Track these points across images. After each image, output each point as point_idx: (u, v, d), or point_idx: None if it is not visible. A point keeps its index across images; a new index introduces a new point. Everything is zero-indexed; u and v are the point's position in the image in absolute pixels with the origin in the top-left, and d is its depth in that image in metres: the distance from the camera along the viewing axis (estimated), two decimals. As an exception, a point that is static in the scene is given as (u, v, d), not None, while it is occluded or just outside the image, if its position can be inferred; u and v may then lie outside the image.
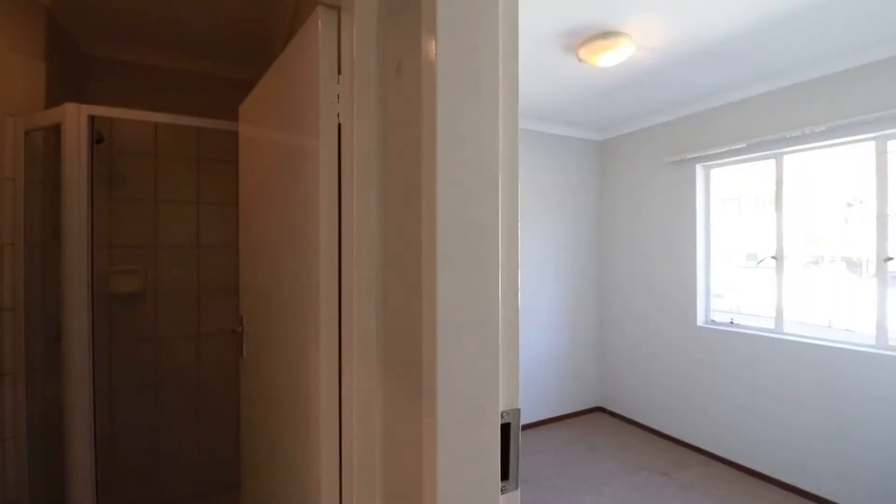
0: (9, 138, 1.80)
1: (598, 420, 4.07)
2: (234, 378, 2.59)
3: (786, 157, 3.01)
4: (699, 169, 3.47)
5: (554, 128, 3.98)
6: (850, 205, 2.85)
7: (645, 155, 3.86)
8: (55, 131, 1.78)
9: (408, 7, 0.82)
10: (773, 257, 3.06)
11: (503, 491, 0.76)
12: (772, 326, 3.07)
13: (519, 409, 0.80)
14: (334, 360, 1.05)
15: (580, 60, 2.52)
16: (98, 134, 1.95)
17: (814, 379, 2.74)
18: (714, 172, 3.50)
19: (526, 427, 3.85)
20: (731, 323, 3.32)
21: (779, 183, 3.04)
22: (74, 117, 1.73)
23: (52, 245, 1.84)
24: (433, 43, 0.71)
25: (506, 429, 0.77)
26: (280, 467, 1.40)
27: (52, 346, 1.90)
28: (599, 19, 2.15)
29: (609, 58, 2.39)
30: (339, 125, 1.03)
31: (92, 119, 1.77)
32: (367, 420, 0.97)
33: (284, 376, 1.33)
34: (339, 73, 1.03)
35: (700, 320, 3.45)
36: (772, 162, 3.09)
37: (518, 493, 0.79)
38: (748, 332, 3.13)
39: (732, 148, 3.14)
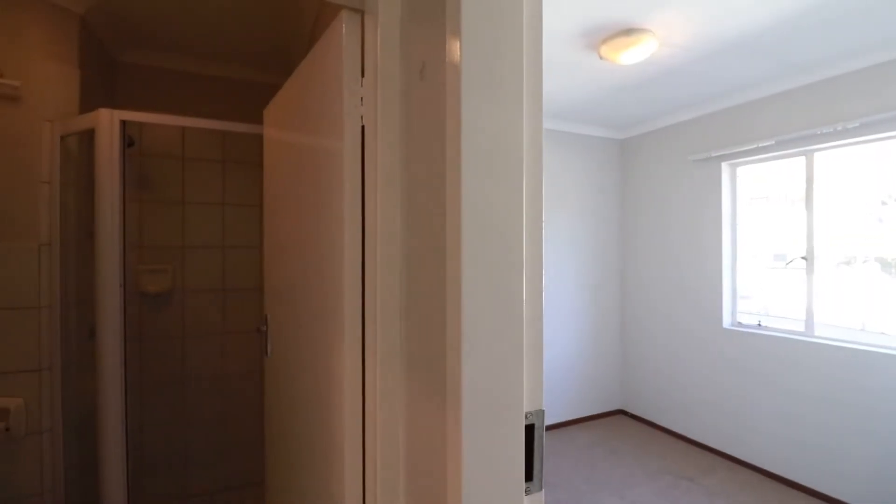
0: (46, 143, 1.87)
1: (619, 423, 4.01)
2: (259, 375, 2.64)
3: (816, 155, 2.92)
4: (725, 167, 3.39)
5: (574, 126, 3.94)
6: (884, 203, 2.74)
7: (668, 153, 3.79)
8: (89, 136, 1.84)
9: (432, 9, 0.82)
10: (802, 258, 2.96)
11: (527, 492, 0.76)
12: (802, 329, 2.98)
13: (543, 411, 0.80)
14: (358, 360, 1.06)
15: (602, 58, 2.49)
16: (129, 138, 2.01)
17: (846, 383, 2.65)
18: (741, 170, 3.41)
19: (546, 428, 3.82)
20: (759, 325, 3.24)
21: (809, 181, 2.95)
22: (107, 122, 1.79)
23: (86, 245, 1.91)
24: (458, 44, 0.71)
25: (530, 430, 0.77)
26: (304, 464, 1.42)
27: (85, 342, 1.97)
28: (622, 16, 2.12)
29: (631, 55, 2.36)
30: (363, 127, 1.04)
31: (123, 124, 1.83)
32: (390, 419, 0.98)
33: (308, 375, 1.35)
34: (363, 75, 1.04)
35: (726, 322, 3.37)
36: (802, 159, 3.00)
37: (542, 494, 0.79)
38: (777, 334, 3.05)
39: (760, 145, 3.06)
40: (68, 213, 1.94)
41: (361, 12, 1.04)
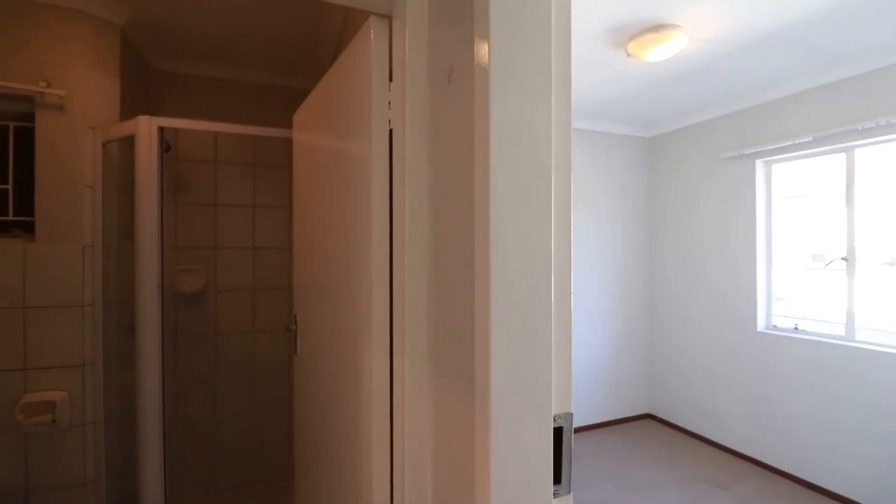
0: (89, 149, 1.97)
1: (647, 427, 3.93)
2: (288, 372, 2.70)
3: (857, 151, 2.80)
4: (759, 164, 3.28)
5: (600, 125, 3.88)
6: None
7: (699, 151, 3.69)
8: (129, 142, 1.93)
9: (459, 13, 0.83)
10: (843, 258, 2.84)
11: (556, 495, 0.76)
12: (842, 333, 2.85)
13: (571, 414, 0.79)
14: (385, 360, 1.07)
15: (629, 55, 2.44)
16: (166, 143, 2.09)
17: (889, 390, 2.53)
18: (776, 168, 3.30)
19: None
20: (796, 329, 3.12)
21: (850, 178, 2.82)
22: (146, 129, 1.86)
23: (126, 246, 2.00)
24: (486, 46, 0.71)
25: (558, 432, 0.77)
26: (332, 462, 1.45)
27: (125, 339, 2.06)
28: (650, 12, 2.08)
29: (660, 51, 2.31)
30: (391, 130, 1.06)
31: (161, 130, 1.91)
32: (417, 419, 0.99)
33: (337, 373, 1.38)
34: (391, 79, 1.05)
35: (760, 325, 3.26)
36: (842, 156, 2.88)
37: (570, 497, 0.78)
38: (815, 338, 2.93)
39: (797, 142, 2.95)
40: (110, 215, 2.03)
41: (389, 18, 1.06)
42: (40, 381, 1.87)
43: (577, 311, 3.79)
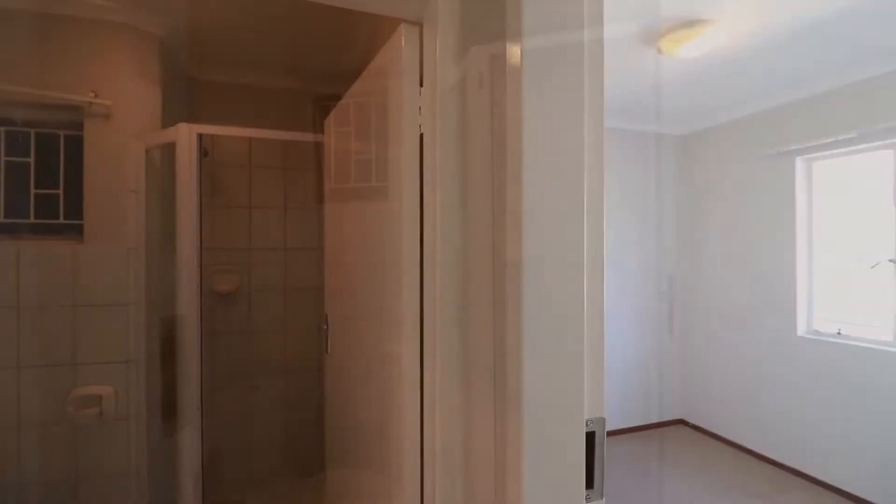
0: (132, 156, 2.06)
1: (679, 433, 3.83)
2: (319, 370, 2.76)
3: (908, 147, 2.66)
4: (799, 162, 3.15)
5: (632, 123, 3.81)
6: None
7: (735, 149, 3.57)
8: (170, 148, 2.01)
9: (490, 19, 0.83)
10: (890, 260, 2.70)
11: (588, 500, 0.76)
12: (890, 339, 2.71)
13: (604, 418, 0.79)
14: (416, 360, 1.09)
15: (662, 52, 2.39)
16: (204, 149, 2.17)
17: (945, 400, 2.39)
18: (817, 165, 3.16)
19: (600, 435, 3.72)
20: (839, 334, 2.98)
21: (899, 176, 2.68)
22: (186, 136, 1.94)
23: (167, 248, 2.08)
24: (518, 49, 0.72)
25: (590, 437, 0.77)
26: (363, 459, 1.47)
27: (166, 336, 2.15)
28: (683, 8, 2.03)
29: (694, 47, 2.25)
30: (422, 135, 1.07)
31: (200, 136, 1.98)
32: (448, 421, 0.99)
33: (367, 373, 1.40)
34: (422, 85, 1.07)
35: (801, 330, 3.13)
36: (889, 152, 2.73)
37: (603, 502, 0.78)
38: (860, 344, 2.79)
39: (840, 138, 2.82)
40: (152, 219, 2.13)
41: (420, 25, 1.07)
42: (88, 375, 1.97)
43: (608, 313, 3.72)
